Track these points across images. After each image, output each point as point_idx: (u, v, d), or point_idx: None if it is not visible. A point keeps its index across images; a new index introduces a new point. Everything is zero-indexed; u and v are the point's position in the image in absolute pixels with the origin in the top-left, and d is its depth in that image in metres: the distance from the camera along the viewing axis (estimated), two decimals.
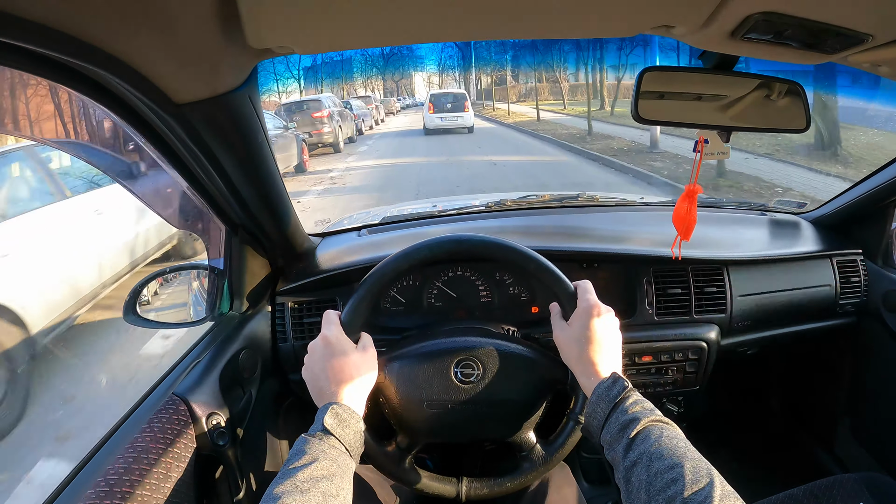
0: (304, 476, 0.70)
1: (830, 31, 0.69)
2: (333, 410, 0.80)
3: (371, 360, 0.91)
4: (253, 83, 0.83)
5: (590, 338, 0.86)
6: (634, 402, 0.79)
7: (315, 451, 0.74)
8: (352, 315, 0.92)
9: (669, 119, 0.98)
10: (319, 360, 0.87)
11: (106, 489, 0.78)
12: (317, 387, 0.87)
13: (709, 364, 1.35)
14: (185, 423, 0.94)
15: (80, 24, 0.53)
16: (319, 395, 0.86)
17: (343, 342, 0.88)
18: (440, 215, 1.72)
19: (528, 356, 0.96)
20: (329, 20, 0.67)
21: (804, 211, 1.72)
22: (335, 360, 0.86)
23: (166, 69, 0.68)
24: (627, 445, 0.73)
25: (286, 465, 0.73)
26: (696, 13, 0.67)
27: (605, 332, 0.88)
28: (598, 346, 0.86)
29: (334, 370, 0.85)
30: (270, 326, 1.29)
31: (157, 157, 0.88)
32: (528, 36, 0.79)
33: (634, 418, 0.76)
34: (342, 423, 0.79)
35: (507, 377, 0.94)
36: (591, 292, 0.92)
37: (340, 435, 0.78)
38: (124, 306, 1.13)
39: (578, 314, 0.89)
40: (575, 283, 0.94)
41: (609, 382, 0.81)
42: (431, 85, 42.06)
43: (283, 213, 1.20)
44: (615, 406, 0.78)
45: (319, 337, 0.89)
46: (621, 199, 1.88)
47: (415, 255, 0.96)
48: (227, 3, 0.59)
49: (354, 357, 0.88)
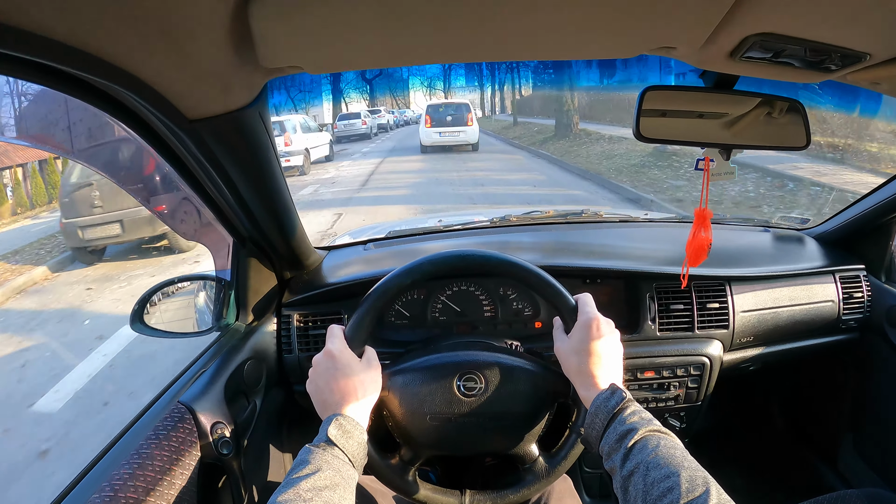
0: (308, 485, 0.71)
1: (828, 50, 0.71)
2: (337, 422, 0.80)
3: (375, 374, 0.92)
4: (263, 100, 0.85)
5: (589, 350, 0.87)
6: (632, 412, 0.79)
7: (319, 461, 0.75)
8: (356, 330, 0.93)
9: (671, 137, 0.99)
10: (323, 373, 0.88)
11: (110, 494, 0.79)
12: (321, 400, 0.88)
13: (711, 380, 1.35)
14: (190, 432, 0.96)
15: (99, 43, 0.55)
16: (324, 408, 0.87)
17: (347, 357, 0.89)
18: (445, 230, 1.73)
19: (530, 369, 0.97)
20: (339, 41, 0.69)
21: (807, 227, 1.72)
22: (339, 375, 0.87)
23: (180, 87, 0.70)
24: (625, 455, 0.74)
25: (290, 475, 0.74)
26: (696, 35, 0.68)
27: (605, 345, 0.88)
28: (597, 359, 0.87)
29: (339, 384, 0.86)
30: (276, 338, 1.30)
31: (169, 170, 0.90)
32: (532, 57, 0.80)
33: (632, 428, 0.76)
34: (346, 435, 0.80)
35: (510, 390, 0.95)
36: (592, 305, 0.93)
37: (344, 446, 0.79)
38: (132, 315, 1.14)
39: (578, 327, 0.90)
40: (576, 297, 0.95)
41: (607, 393, 0.82)
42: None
43: (290, 226, 1.22)
44: (613, 416, 0.79)
45: (323, 352, 0.90)
46: (625, 215, 1.89)
47: (417, 270, 0.97)
48: (240, 24, 0.60)
49: (358, 371, 0.88)
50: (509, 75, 30.93)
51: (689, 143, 1.00)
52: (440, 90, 36.26)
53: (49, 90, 0.61)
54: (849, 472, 1.70)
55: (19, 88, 0.85)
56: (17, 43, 0.48)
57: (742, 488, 1.93)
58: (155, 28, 0.57)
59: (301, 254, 1.36)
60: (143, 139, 0.79)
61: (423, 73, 34.05)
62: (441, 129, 14.67)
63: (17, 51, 0.49)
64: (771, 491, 1.79)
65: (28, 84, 0.73)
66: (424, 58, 0.79)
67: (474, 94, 36.13)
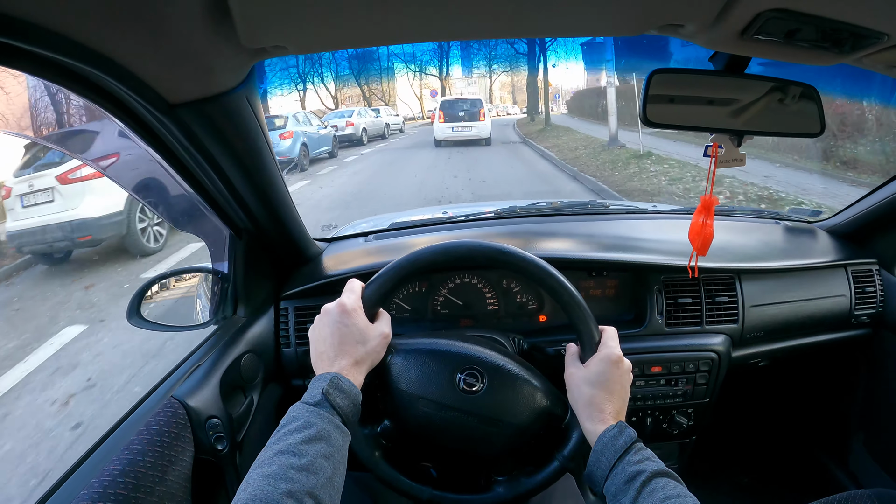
0: (300, 438, 0.68)
1: (844, 29, 0.67)
2: (335, 381, 0.77)
3: (382, 340, 0.87)
4: (251, 84, 0.82)
5: (605, 385, 0.85)
6: (641, 453, 0.77)
7: (312, 417, 0.72)
8: (375, 290, 0.90)
9: (679, 122, 0.96)
10: (330, 324, 0.84)
11: (99, 490, 0.77)
12: (319, 350, 0.84)
13: (720, 376, 1.33)
14: (184, 427, 0.94)
15: (70, 24, 0.53)
16: (319, 359, 0.84)
17: (358, 315, 0.85)
18: (448, 221, 1.70)
19: (534, 384, 0.94)
20: (322, 19, 0.67)
21: (819, 219, 1.69)
22: (345, 331, 0.83)
23: (158, 69, 0.68)
24: (634, 498, 0.72)
25: (280, 430, 0.71)
26: (706, 10, 0.65)
27: (621, 384, 0.86)
28: (610, 395, 0.84)
29: (342, 340, 0.83)
30: (274, 332, 1.28)
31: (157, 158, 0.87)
32: (530, 34, 0.77)
33: (641, 470, 0.74)
34: (343, 394, 0.76)
35: (508, 398, 0.92)
36: (616, 340, 0.90)
37: (339, 405, 0.75)
38: (128, 308, 1.13)
39: (599, 359, 0.87)
40: (602, 328, 0.92)
41: (615, 431, 0.79)
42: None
43: (286, 217, 1.19)
44: (621, 456, 0.77)
45: (337, 302, 0.86)
46: (632, 206, 1.86)
47: (454, 252, 0.93)
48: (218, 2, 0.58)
49: (365, 333, 0.85)
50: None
51: (698, 129, 0.97)
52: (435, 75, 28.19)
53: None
54: (859, 471, 1.67)
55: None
56: None
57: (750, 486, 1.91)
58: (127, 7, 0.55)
59: (299, 245, 1.34)
60: (124, 124, 0.76)
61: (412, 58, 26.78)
62: (454, 125, 14.59)
63: None
64: (779, 489, 1.77)
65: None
66: (414, 36, 0.76)
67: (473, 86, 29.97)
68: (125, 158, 0.99)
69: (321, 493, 0.65)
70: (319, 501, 0.64)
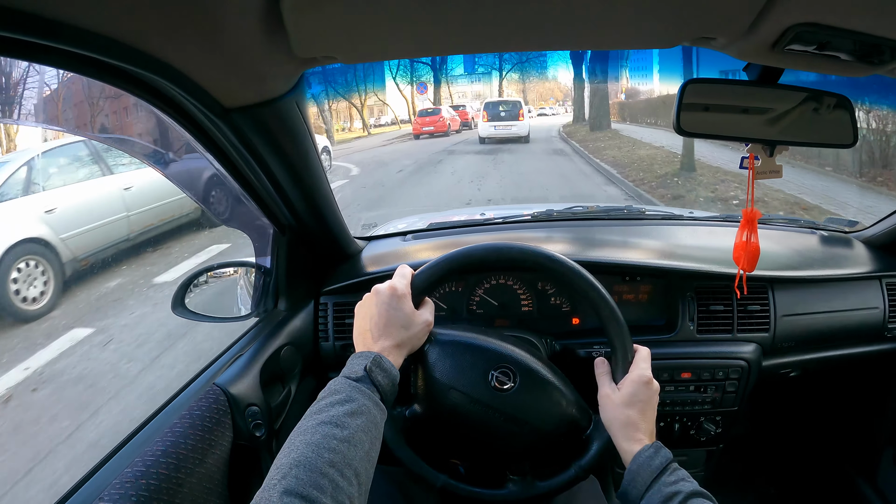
0: (342, 411, 0.71)
1: (876, 42, 0.68)
2: (377, 360, 0.79)
3: (425, 327, 0.91)
4: (300, 90, 0.86)
5: (639, 406, 0.87)
6: (676, 473, 0.79)
7: (353, 392, 0.75)
8: (425, 277, 0.93)
9: (713, 132, 0.96)
10: (379, 304, 0.87)
11: (142, 469, 0.81)
12: (363, 327, 0.87)
13: (749, 384, 1.32)
14: (224, 413, 0.98)
15: (130, 32, 0.57)
16: (362, 336, 0.87)
17: (407, 298, 0.89)
18: (485, 223, 1.72)
19: (563, 392, 0.96)
20: (371, 31, 0.70)
21: (855, 230, 1.66)
22: (393, 312, 0.86)
23: (215, 76, 0.72)
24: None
25: (319, 401, 0.74)
26: (737, 24, 0.67)
27: (651, 405, 0.89)
28: (643, 416, 0.87)
29: (389, 321, 0.86)
30: (313, 325, 1.32)
31: (210, 158, 0.92)
32: (565, 47, 0.79)
33: (678, 491, 0.75)
34: (384, 373, 0.79)
35: (536, 401, 0.94)
36: (648, 361, 0.93)
37: (379, 383, 0.78)
38: (173, 299, 1.18)
39: (633, 380, 0.90)
40: (636, 348, 0.94)
41: (651, 451, 0.81)
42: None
43: (329, 215, 1.24)
44: (657, 476, 0.78)
45: (388, 284, 0.89)
46: (668, 212, 1.85)
47: (506, 252, 0.97)
48: (272, 14, 0.62)
49: (411, 318, 0.88)
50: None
51: (732, 139, 0.98)
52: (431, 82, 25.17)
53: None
54: (888, 489, 1.64)
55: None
56: (49, 34, 0.50)
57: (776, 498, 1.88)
58: (187, 18, 0.59)
59: (340, 243, 1.39)
60: (181, 127, 0.81)
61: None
62: (496, 123, 15.62)
63: (49, 40, 0.51)
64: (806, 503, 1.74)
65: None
66: (456, 48, 0.79)
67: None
68: (181, 160, 1.04)
69: (360, 466, 0.68)
70: (357, 474, 0.67)
